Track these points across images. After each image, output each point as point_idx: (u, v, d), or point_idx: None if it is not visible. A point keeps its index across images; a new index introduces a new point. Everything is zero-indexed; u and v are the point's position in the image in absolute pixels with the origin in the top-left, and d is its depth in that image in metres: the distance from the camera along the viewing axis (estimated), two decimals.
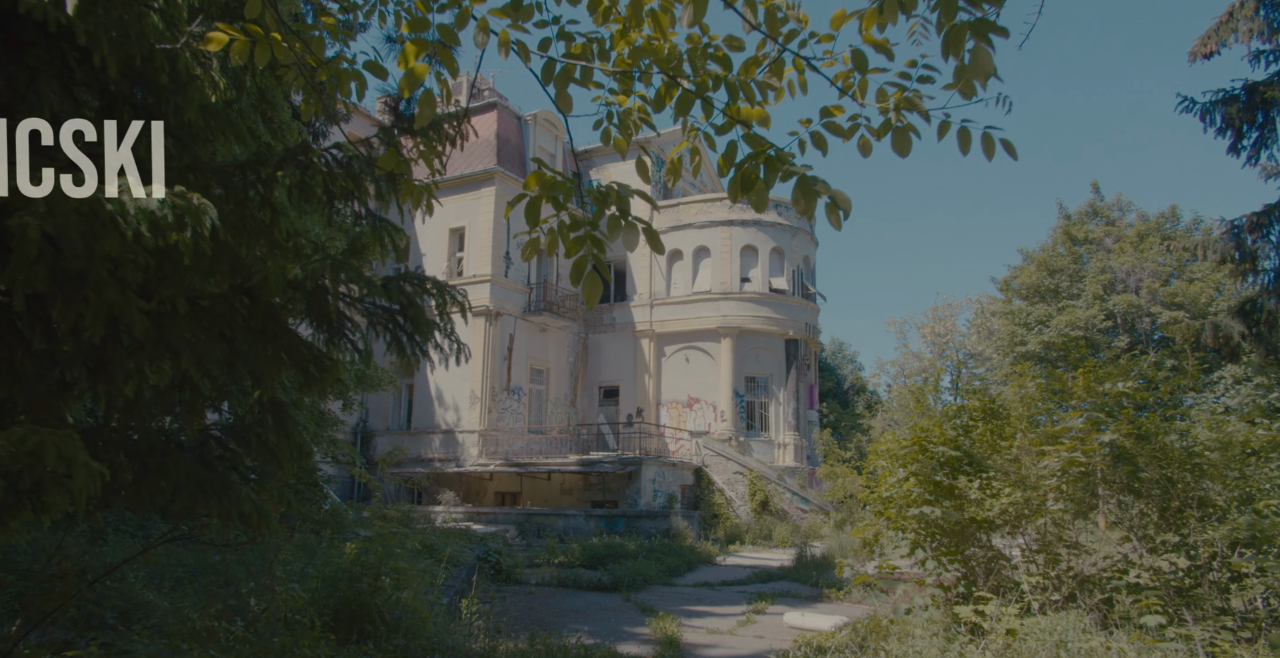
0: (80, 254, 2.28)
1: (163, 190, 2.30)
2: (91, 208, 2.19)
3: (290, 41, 2.25)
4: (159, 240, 2.28)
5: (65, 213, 2.16)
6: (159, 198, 2.27)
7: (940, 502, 7.39)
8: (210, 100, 3.09)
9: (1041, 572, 7.30)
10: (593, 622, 9.38)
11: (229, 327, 3.02)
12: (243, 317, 3.04)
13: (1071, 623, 5.99)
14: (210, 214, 2.31)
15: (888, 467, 7.86)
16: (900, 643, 6.43)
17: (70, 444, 2.11)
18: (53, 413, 2.93)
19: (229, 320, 3.00)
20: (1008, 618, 6.44)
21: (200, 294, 2.93)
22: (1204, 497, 7.36)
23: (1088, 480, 7.37)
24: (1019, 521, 7.40)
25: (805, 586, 13.06)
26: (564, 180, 2.59)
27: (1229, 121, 9.69)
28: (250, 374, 3.15)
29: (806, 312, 29.00)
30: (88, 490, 2.14)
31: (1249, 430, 7.60)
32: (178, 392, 3.10)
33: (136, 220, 2.23)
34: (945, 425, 7.81)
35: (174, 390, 3.08)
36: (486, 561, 12.41)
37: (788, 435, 27.63)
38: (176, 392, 3.10)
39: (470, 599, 7.69)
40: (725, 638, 8.70)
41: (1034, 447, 7.67)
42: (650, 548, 16.03)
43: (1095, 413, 7.62)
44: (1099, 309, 29.46)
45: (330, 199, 3.41)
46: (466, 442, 25.28)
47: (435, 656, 5.86)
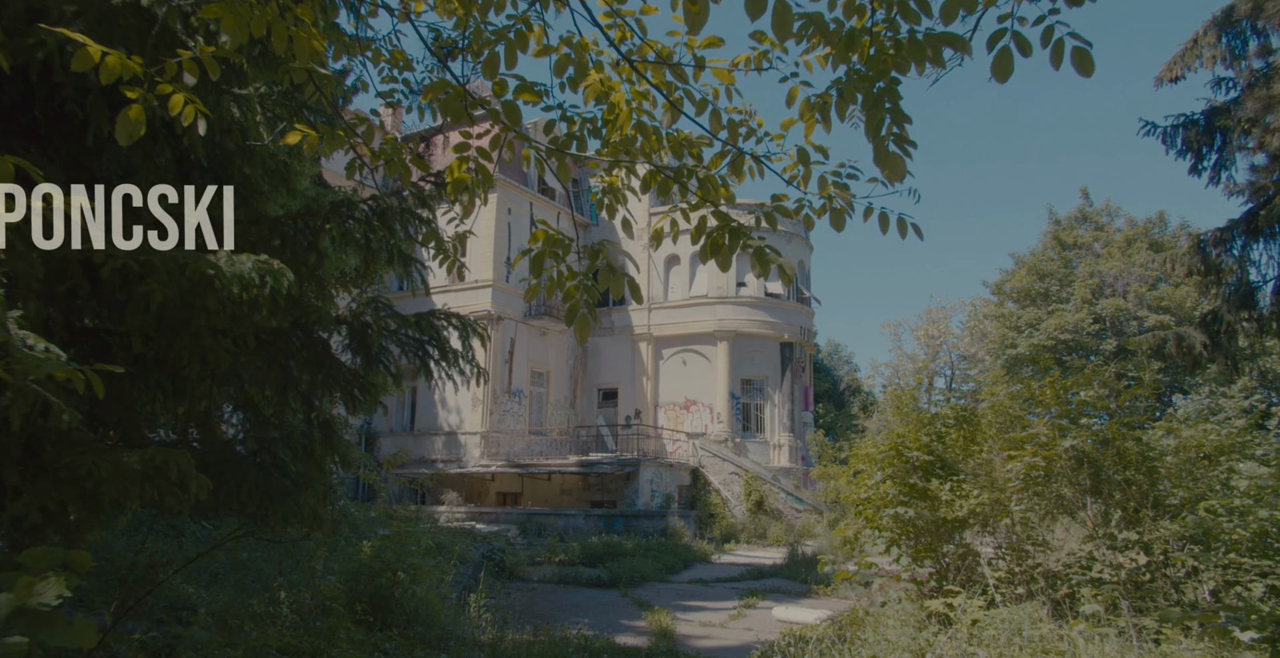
0: (181, 306, 2.84)
1: (251, 259, 2.88)
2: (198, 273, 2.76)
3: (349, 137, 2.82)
4: (244, 295, 2.85)
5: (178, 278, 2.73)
6: (250, 265, 2.84)
7: (914, 503, 7.97)
8: (270, 163, 3.65)
9: (1007, 568, 7.89)
10: (592, 616, 9.95)
11: (285, 357, 3.59)
12: (296, 348, 3.61)
13: (1028, 614, 6.56)
14: (287, 276, 2.88)
15: (866, 470, 8.43)
16: (874, 633, 7.01)
17: (186, 461, 2.67)
18: (137, 431, 3.50)
19: (286, 351, 3.57)
20: (973, 610, 7.02)
21: (263, 329, 3.50)
22: (1159, 497, 7.95)
23: (1049, 483, 7.96)
24: (987, 520, 7.99)
25: (795, 582, 13.64)
26: (564, 238, 3.16)
27: (1189, 145, 10.26)
28: (301, 397, 3.72)
29: (801, 315, 29.59)
30: (198, 497, 2.70)
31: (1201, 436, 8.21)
32: (241, 411, 3.67)
33: (231, 282, 2.79)
34: (921, 432, 8.39)
35: (238, 410, 3.65)
36: (491, 558, 12.97)
37: (783, 437, 28.22)
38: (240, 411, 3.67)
39: (478, 594, 8.26)
40: (716, 630, 9.27)
41: (1003, 451, 8.26)
42: (647, 547, 16.58)
43: (1059, 420, 8.21)
44: (1087, 313, 30.08)
45: (368, 243, 3.98)
46: (469, 443, 25.84)
47: (450, 643, 6.42)
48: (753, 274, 3.39)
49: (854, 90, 2.41)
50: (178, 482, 2.66)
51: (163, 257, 2.70)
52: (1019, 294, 33.38)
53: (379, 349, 3.82)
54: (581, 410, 29.75)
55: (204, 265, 2.74)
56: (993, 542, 8.47)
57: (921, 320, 42.68)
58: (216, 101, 3.17)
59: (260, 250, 3.72)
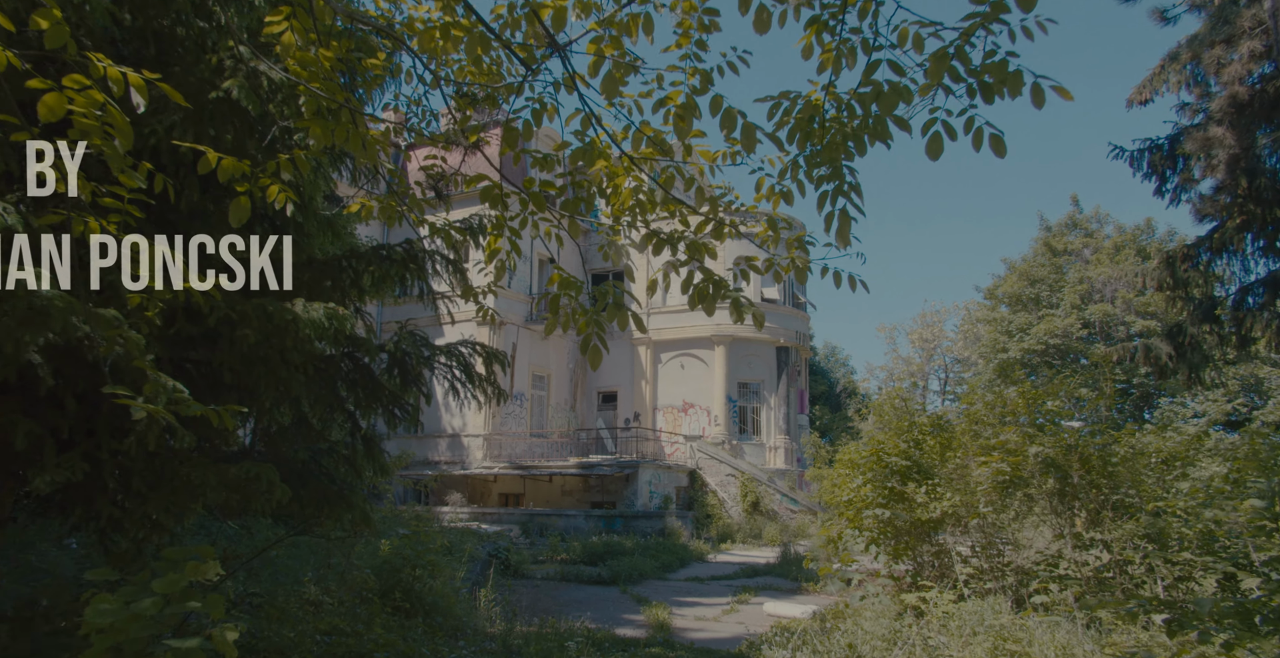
0: (262, 344, 3.46)
1: (322, 307, 3.51)
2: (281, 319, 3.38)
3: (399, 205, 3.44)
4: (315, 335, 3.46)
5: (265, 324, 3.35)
6: (321, 311, 3.47)
7: (893, 505, 8.61)
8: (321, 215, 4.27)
9: (976, 566, 8.53)
10: (593, 610, 10.56)
11: (336, 380, 4.21)
12: (345, 373, 4.23)
13: (991, 606, 7.20)
14: (350, 320, 3.50)
15: (849, 474, 9.08)
16: (853, 624, 7.63)
17: (271, 472, 3.29)
18: (216, 446, 4.12)
19: (336, 376, 4.19)
20: (944, 603, 7.65)
21: (320, 357, 4.12)
22: (1120, 500, 8.61)
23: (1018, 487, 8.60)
24: (960, 521, 8.62)
25: (787, 580, 14.27)
26: (576, 280, 3.79)
27: (1154, 168, 10.89)
28: (347, 414, 4.34)
29: (797, 320, 30.24)
30: (280, 501, 3.32)
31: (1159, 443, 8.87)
32: (297, 427, 4.28)
33: (306, 325, 3.42)
34: (900, 439, 9.03)
35: (295, 426, 4.27)
36: (497, 557, 13.59)
37: (778, 439, 28.86)
38: (296, 427, 4.28)
39: (487, 590, 8.89)
40: (710, 624, 9.90)
41: (976, 457, 8.90)
42: (646, 546, 17.19)
43: (1028, 428, 8.86)
44: (1076, 318, 30.74)
45: (403, 281, 4.61)
46: (471, 445, 26.45)
47: (465, 633, 7.06)
48: (732, 317, 3.92)
49: (806, 181, 3.05)
50: (265, 489, 3.27)
51: (254, 306, 3.31)
52: (1011, 299, 34.05)
53: (416, 374, 4.46)
54: (582, 413, 30.38)
55: (286, 313, 3.36)
56: (968, 541, 9.11)
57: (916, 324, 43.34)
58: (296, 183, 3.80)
59: (313, 289, 4.36)
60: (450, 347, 4.48)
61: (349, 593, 5.75)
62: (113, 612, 2.20)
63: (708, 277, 3.47)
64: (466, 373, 4.48)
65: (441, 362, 4.52)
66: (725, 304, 3.32)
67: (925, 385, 41.88)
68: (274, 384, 3.56)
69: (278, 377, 3.54)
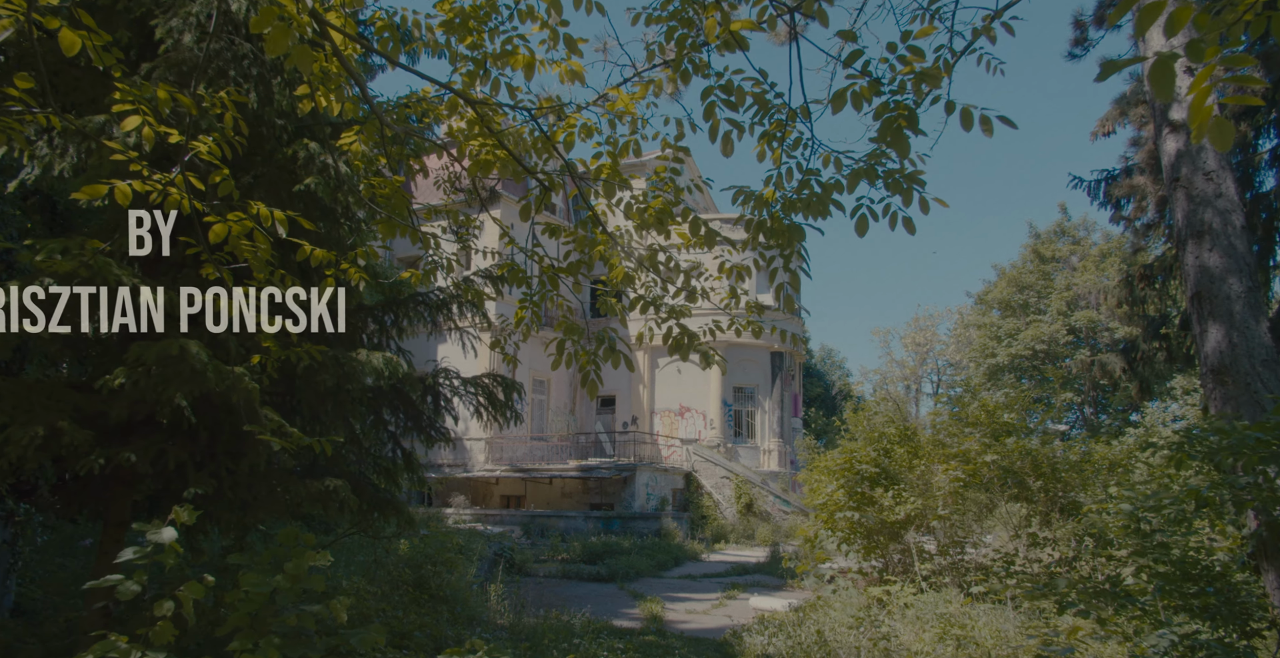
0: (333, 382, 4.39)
1: (381, 356, 4.45)
2: (351, 366, 4.31)
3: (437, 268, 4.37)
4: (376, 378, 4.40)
5: (338, 370, 4.28)
6: (381, 359, 4.40)
7: (863, 508, 9.56)
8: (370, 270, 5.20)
9: (939, 563, 9.47)
10: (593, 605, 11.50)
11: (383, 408, 5.14)
12: (390, 401, 5.16)
13: (944, 597, 8.15)
14: (403, 366, 4.42)
15: (824, 480, 10.03)
16: (824, 614, 8.58)
17: (346, 487, 4.21)
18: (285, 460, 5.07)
19: (383, 404, 5.12)
20: (905, 595, 8.60)
21: (373, 389, 5.06)
22: (1069, 503, 9.57)
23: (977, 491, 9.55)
24: (923, 522, 9.57)
25: (775, 578, 15.20)
26: (579, 325, 4.73)
27: (1109, 197, 11.83)
28: (391, 436, 5.28)
29: (791, 325, 31.16)
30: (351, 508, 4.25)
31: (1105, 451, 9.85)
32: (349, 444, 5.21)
33: (370, 371, 4.34)
34: (870, 448, 9.98)
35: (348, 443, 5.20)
36: (502, 556, 14.53)
37: (772, 442, 29.80)
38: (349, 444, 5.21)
39: (496, 585, 9.83)
40: (699, 616, 10.85)
41: (938, 464, 9.86)
42: (643, 546, 18.12)
43: (985, 438, 9.82)
44: (1062, 324, 31.72)
45: (433, 323, 5.54)
46: (474, 449, 27.36)
47: (479, 622, 8.00)
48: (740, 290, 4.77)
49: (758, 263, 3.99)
50: (341, 500, 4.19)
51: (330, 356, 4.24)
52: (1000, 305, 35.03)
53: (447, 402, 5.39)
54: (581, 417, 31.29)
55: (355, 362, 4.28)
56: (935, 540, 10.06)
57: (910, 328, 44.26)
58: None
59: (361, 332, 5.31)
60: (477, 379, 5.41)
61: (386, 583, 6.67)
62: (259, 583, 3.12)
63: (684, 331, 4.41)
64: (490, 401, 5.41)
65: (469, 391, 5.45)
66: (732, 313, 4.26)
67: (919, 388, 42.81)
68: (339, 414, 4.48)
69: (343, 408, 4.46)
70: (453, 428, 23.54)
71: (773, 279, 4.13)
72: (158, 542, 3.00)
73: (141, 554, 2.97)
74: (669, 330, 4.43)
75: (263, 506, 4.09)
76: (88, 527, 7.52)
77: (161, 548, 2.99)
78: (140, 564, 2.96)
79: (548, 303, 4.59)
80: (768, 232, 4.00)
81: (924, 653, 7.05)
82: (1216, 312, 4.93)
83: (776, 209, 4.08)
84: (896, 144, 3.09)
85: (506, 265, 4.24)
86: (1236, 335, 4.81)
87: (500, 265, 4.21)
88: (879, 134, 3.19)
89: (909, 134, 3.40)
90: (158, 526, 3.05)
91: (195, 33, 4.22)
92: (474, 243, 4.64)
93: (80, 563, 6.68)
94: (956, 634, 7.22)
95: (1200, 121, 1.96)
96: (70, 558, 6.84)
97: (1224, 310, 4.84)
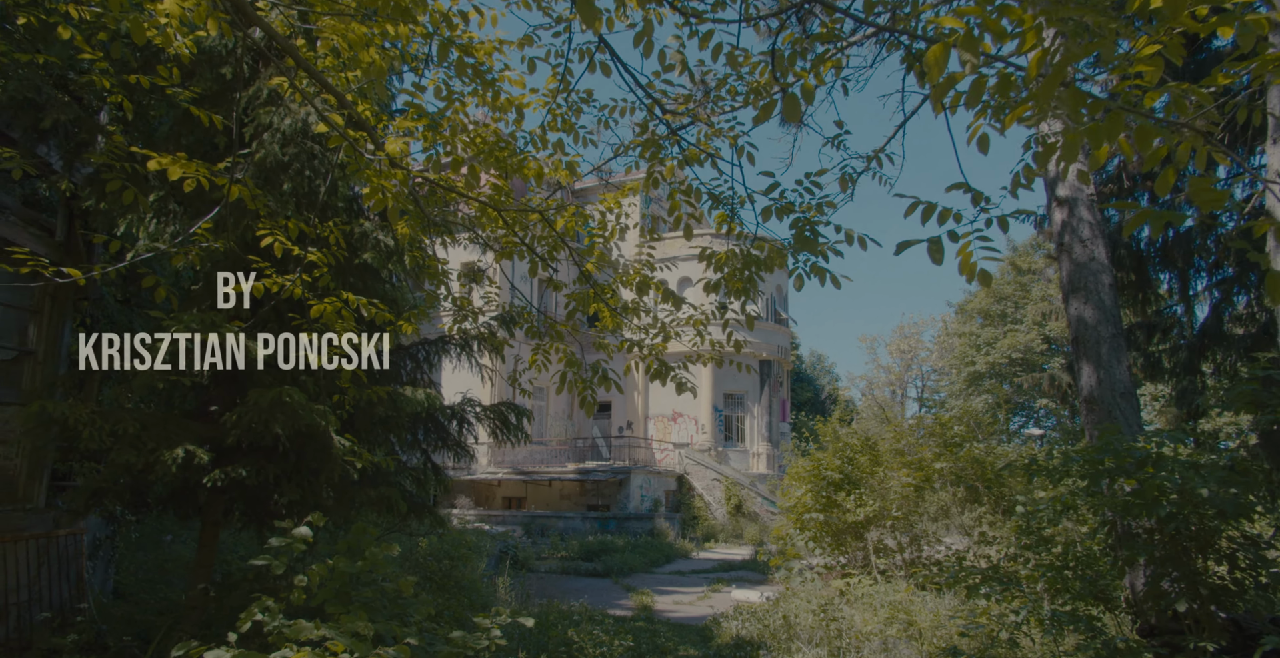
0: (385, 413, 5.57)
1: (424, 392, 5.65)
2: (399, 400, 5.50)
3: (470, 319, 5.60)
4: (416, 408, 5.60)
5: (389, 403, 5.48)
6: (423, 395, 5.59)
7: (828, 510, 10.81)
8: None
9: (899, 560, 10.71)
10: (590, 596, 12.72)
11: (417, 429, 6.35)
12: (424, 422, 6.37)
13: (894, 588, 9.39)
14: (439, 399, 5.62)
15: (794, 485, 11.28)
16: (791, 603, 9.81)
17: (397, 493, 5.40)
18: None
19: (418, 425, 6.33)
20: (863, 586, 9.84)
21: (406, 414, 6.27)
22: (1009, 504, 10.82)
23: (929, 494, 10.80)
24: (881, 522, 10.82)
25: (758, 573, 16.43)
26: (578, 359, 5.96)
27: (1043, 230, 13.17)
28: (422, 451, 6.49)
29: (779, 335, 32.43)
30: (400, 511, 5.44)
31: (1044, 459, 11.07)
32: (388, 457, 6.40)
33: (413, 404, 5.52)
34: (835, 456, 11.23)
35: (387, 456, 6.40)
36: (507, 553, 15.74)
37: (761, 446, 31.05)
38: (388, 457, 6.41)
39: (503, 579, 11.06)
40: (685, 607, 12.08)
41: (895, 470, 11.11)
42: (636, 544, 19.35)
43: (937, 448, 11.07)
44: (1037, 334, 33.04)
45: (459, 358, 6.76)
46: (477, 452, 28.55)
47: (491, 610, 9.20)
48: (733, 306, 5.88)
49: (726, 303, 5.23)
50: (393, 504, 5.38)
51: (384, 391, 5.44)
52: (980, 314, 36.35)
53: (470, 425, 6.61)
54: (578, 422, 32.50)
55: (404, 397, 5.46)
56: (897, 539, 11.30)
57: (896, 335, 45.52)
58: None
59: (401, 369, 6.53)
60: (495, 407, 6.62)
61: (418, 574, 7.86)
62: (347, 566, 4.31)
63: (662, 364, 5.65)
64: (504, 424, 6.63)
65: (489, 416, 6.66)
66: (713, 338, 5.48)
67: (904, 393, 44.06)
68: (386, 436, 5.67)
69: (389, 432, 5.65)
70: (455, 431, 24.39)
71: (724, 328, 5.36)
72: (300, 536, 4.21)
73: (285, 544, 4.17)
74: (650, 363, 5.65)
75: (336, 509, 5.27)
76: (168, 524, 8.71)
77: (293, 540, 4.19)
78: (283, 550, 4.16)
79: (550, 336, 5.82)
80: (729, 285, 5.25)
81: (873, 634, 8.29)
82: (1089, 353, 6.07)
83: (729, 271, 5.31)
84: (807, 246, 4.31)
85: (521, 309, 5.49)
86: (1103, 373, 5.95)
87: (510, 307, 5.46)
88: (795, 240, 4.41)
89: (820, 231, 4.66)
90: (291, 524, 4.26)
91: (280, 140, 5.42)
92: (494, 296, 5.87)
93: (163, 556, 7.89)
94: (902, 618, 8.46)
95: (968, 272, 3.19)
96: (151, 551, 8.04)
97: (1094, 353, 5.97)
